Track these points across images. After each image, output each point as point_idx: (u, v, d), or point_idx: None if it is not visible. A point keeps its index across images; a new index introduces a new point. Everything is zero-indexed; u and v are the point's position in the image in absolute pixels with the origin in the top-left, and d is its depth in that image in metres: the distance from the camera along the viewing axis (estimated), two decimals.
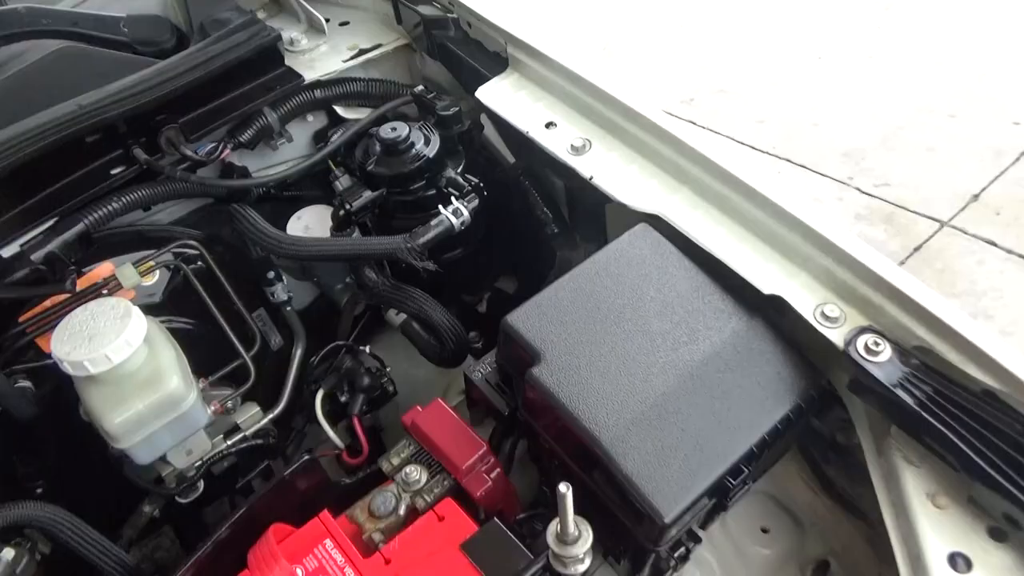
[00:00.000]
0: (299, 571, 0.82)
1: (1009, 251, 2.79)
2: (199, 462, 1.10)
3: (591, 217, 1.12)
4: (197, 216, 1.24)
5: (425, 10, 1.21)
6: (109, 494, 1.14)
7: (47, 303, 1.05)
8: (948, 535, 0.73)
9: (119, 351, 0.90)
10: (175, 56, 1.14)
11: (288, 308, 1.26)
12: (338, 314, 1.34)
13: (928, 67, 3.56)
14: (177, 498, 1.14)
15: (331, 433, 1.16)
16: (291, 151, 1.31)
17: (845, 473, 0.97)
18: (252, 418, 1.20)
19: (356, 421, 1.16)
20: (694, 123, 3.26)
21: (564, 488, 0.69)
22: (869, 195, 3.04)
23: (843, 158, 3.19)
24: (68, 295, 1.00)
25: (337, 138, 1.23)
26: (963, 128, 3.24)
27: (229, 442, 1.16)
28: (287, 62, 1.24)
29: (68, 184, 1.07)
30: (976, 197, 2.97)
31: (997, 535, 0.72)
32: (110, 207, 1.05)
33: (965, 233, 2.86)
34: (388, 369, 1.23)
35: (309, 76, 1.26)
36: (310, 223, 1.25)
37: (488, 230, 1.25)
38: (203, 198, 1.22)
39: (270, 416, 1.21)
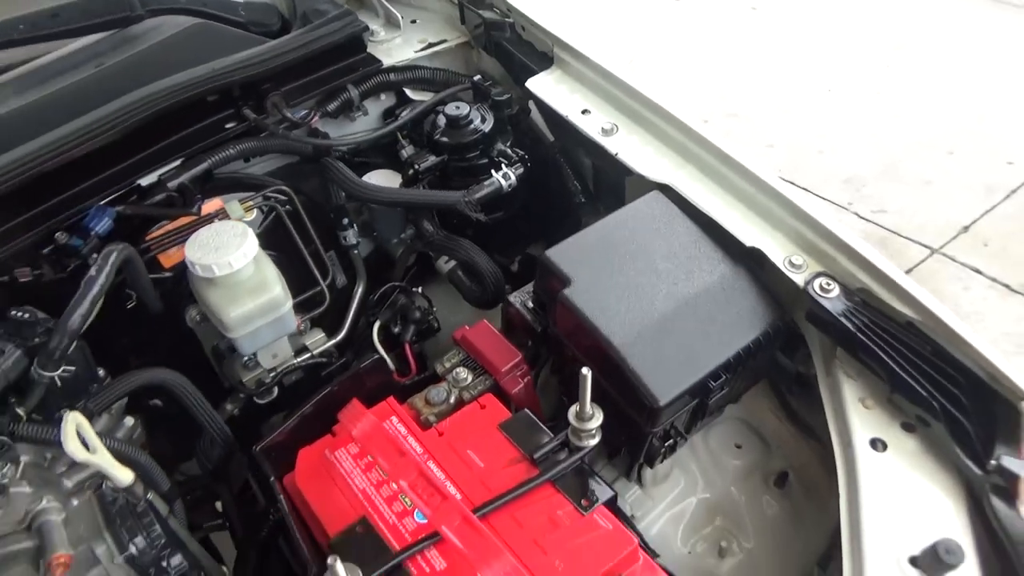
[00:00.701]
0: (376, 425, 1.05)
1: (993, 279, 3.02)
2: (281, 366, 1.34)
3: (612, 190, 1.37)
4: (284, 171, 1.49)
5: (487, 14, 1.47)
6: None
7: (169, 226, 1.30)
8: (871, 427, 0.96)
9: (239, 260, 1.15)
10: (283, 37, 1.40)
11: (355, 252, 1.51)
12: (392, 265, 1.59)
13: (932, 105, 3.81)
14: (255, 399, 1.38)
15: (385, 356, 1.40)
16: (364, 124, 1.56)
17: (805, 404, 1.20)
18: (318, 341, 1.44)
19: (407, 347, 1.40)
20: None
21: (586, 371, 0.92)
22: (866, 220, 3.28)
23: (844, 184, 3.43)
24: (190, 219, 1.25)
25: (406, 114, 1.48)
26: (960, 164, 3.48)
27: (300, 359, 1.40)
28: (368, 50, 1.50)
29: (193, 132, 1.32)
30: (966, 228, 3.21)
31: (908, 428, 0.96)
32: (228, 152, 1.30)
33: (954, 260, 3.10)
34: (435, 309, 1.47)
35: (386, 62, 1.52)
36: (381, 180, 1.50)
37: (526, 199, 1.50)
38: (290, 156, 1.47)
39: (334, 341, 1.45)
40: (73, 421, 0.91)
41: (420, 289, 1.47)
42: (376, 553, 0.90)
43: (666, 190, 1.18)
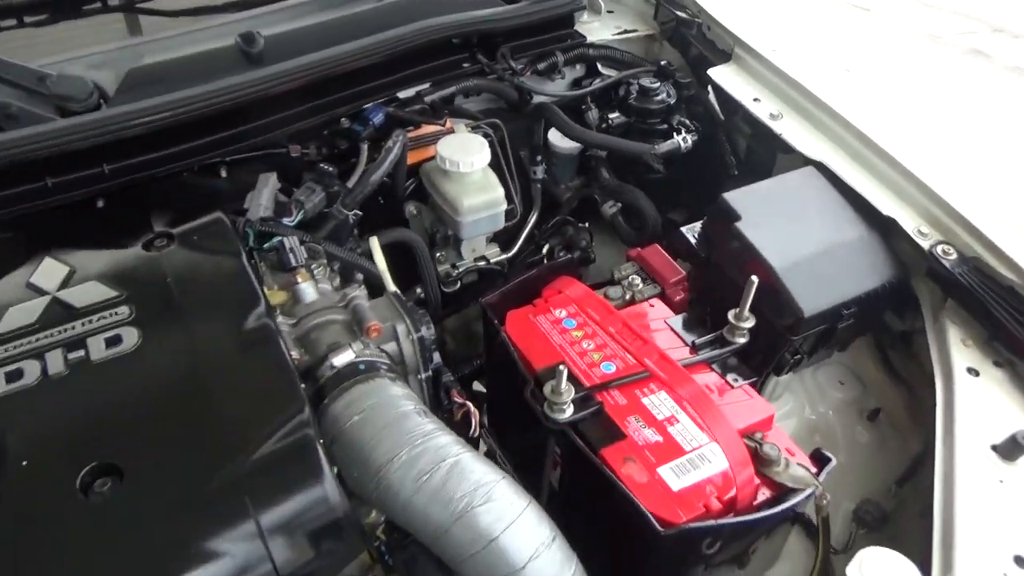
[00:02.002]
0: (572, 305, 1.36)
1: None
2: (467, 264, 1.66)
3: (760, 168, 1.67)
4: (493, 113, 1.82)
5: (680, 13, 1.79)
6: None
7: (419, 132, 1.62)
8: (968, 359, 1.23)
9: (479, 162, 1.47)
10: (517, 3, 1.73)
11: (537, 185, 1.82)
12: (556, 205, 1.90)
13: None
14: (442, 286, 1.70)
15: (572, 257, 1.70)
16: (556, 87, 1.88)
17: (902, 358, 1.48)
18: (494, 252, 1.76)
19: None
20: None
21: (754, 278, 1.22)
22: None
23: None
24: (436, 129, 1.58)
25: (598, 83, 1.80)
26: None
27: (479, 263, 1.72)
28: (575, 26, 1.83)
29: (438, 65, 1.66)
30: None
31: (998, 365, 1.23)
32: (467, 84, 1.64)
33: None
34: (593, 244, 1.78)
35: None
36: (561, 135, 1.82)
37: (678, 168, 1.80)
38: (499, 101, 1.80)
39: (507, 255, 1.77)
40: (376, 239, 1.24)
41: (586, 224, 1.79)
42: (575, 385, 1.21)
43: (819, 167, 1.48)
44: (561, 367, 1.12)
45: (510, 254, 1.76)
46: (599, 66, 1.86)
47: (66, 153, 1.28)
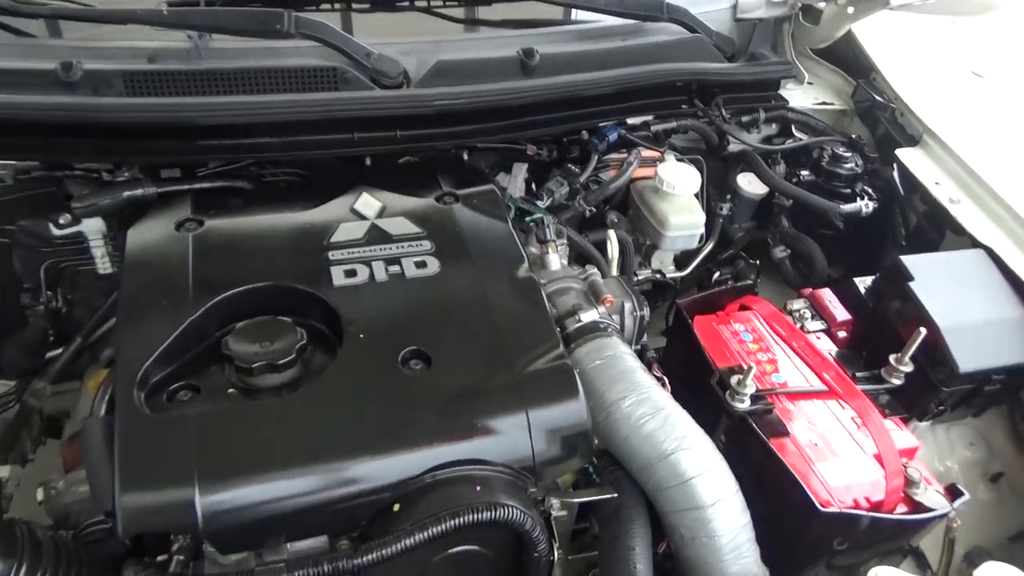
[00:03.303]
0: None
1: None
2: (649, 273, 1.92)
3: (927, 243, 1.87)
4: (690, 151, 2.09)
5: (877, 96, 2.02)
6: None
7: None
8: None
9: (692, 188, 1.74)
10: (735, 63, 2.01)
11: (719, 220, 2.08)
12: (729, 244, 2.15)
13: None
14: None
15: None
16: (752, 139, 2.13)
17: None
18: (671, 269, 2.02)
19: None
20: None
21: (922, 330, 1.43)
22: None
23: None
24: (657, 154, 1.86)
25: (791, 142, 2.05)
26: None
27: (657, 275, 1.98)
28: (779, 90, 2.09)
29: (661, 102, 1.94)
30: None
31: None
32: (684, 122, 1.91)
33: None
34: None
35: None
36: (750, 180, 2.07)
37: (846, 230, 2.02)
38: (699, 141, 2.06)
39: (681, 273, 2.02)
40: (613, 232, 1.52)
41: (757, 262, 2.03)
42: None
43: (988, 251, 1.68)
44: (750, 367, 1.37)
45: (683, 273, 2.02)
46: (793, 128, 2.10)
47: (371, 117, 1.61)
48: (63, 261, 1.73)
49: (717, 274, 2.03)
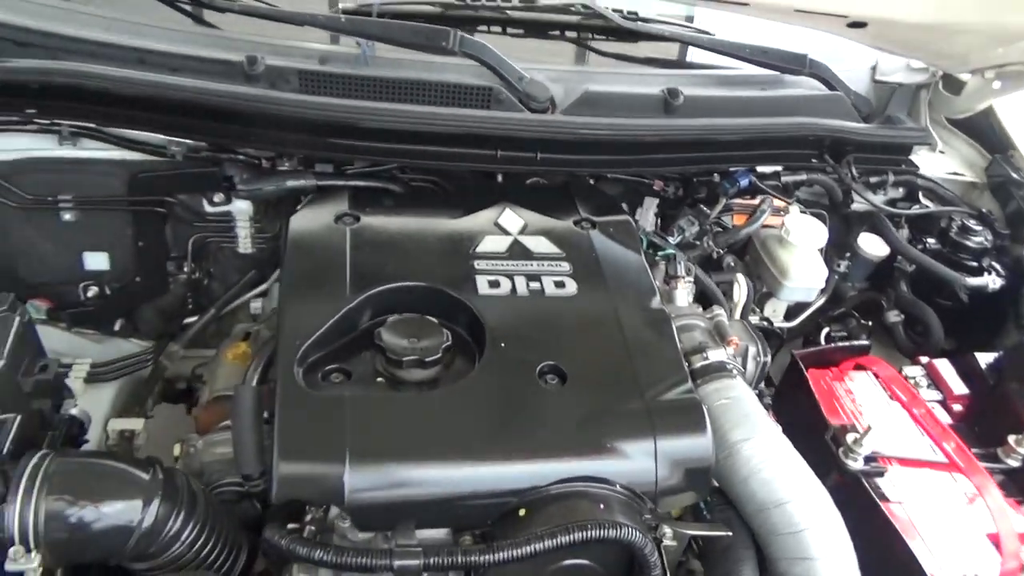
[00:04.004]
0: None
1: None
2: (758, 320, 1.93)
3: None
4: (811, 204, 2.09)
5: (1014, 173, 2.00)
6: None
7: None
8: None
9: (819, 242, 1.76)
10: (871, 124, 2.01)
11: (835, 277, 2.07)
12: (840, 301, 2.14)
13: None
14: None
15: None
16: (877, 200, 2.13)
17: None
18: (779, 319, 2.03)
19: None
20: None
21: None
22: None
23: None
24: (783, 205, 1.88)
25: (917, 208, 2.04)
26: None
27: (764, 323, 1.99)
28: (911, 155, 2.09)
29: (792, 154, 1.95)
30: None
31: None
32: (814, 176, 1.93)
33: None
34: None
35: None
36: (872, 241, 2.07)
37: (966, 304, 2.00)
38: (822, 196, 2.07)
39: (789, 324, 2.03)
40: (741, 276, 1.55)
41: (869, 323, 2.02)
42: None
43: None
44: (868, 428, 1.37)
45: (791, 324, 2.02)
46: (920, 195, 2.09)
47: (518, 138, 1.68)
48: (210, 236, 1.87)
49: (827, 330, 2.02)
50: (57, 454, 1.07)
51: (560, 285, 1.40)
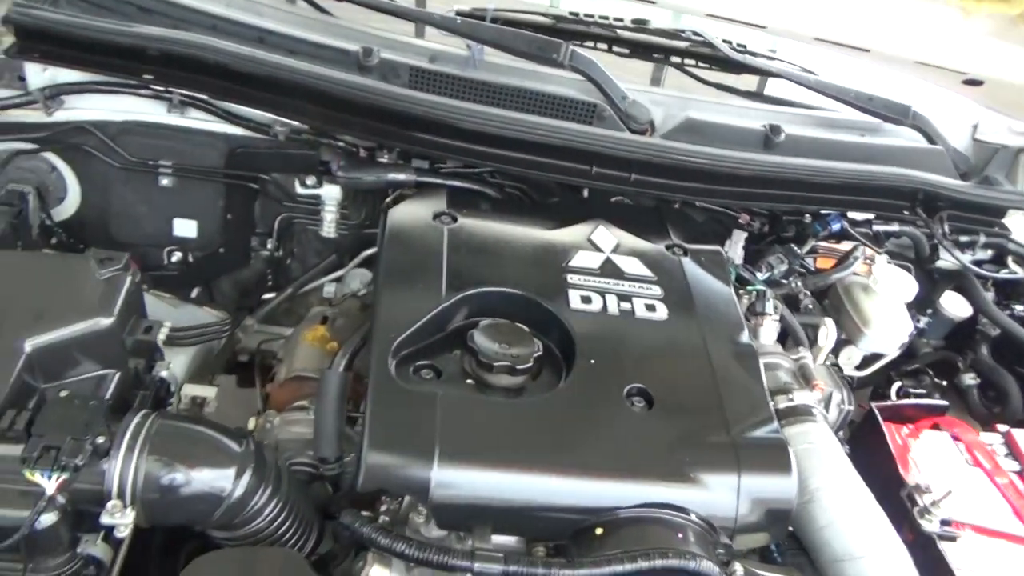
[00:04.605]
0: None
1: None
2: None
3: None
4: (894, 255, 2.06)
5: None
6: None
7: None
8: None
9: (908, 295, 1.73)
10: (970, 183, 1.98)
11: (913, 332, 2.04)
12: (913, 356, 2.10)
13: None
14: None
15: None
16: (964, 258, 2.08)
17: None
18: (850, 367, 2.00)
19: None
20: None
21: None
22: None
23: None
24: (872, 253, 1.85)
25: (1006, 272, 2.00)
26: None
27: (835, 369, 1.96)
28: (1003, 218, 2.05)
29: (883, 203, 1.92)
30: None
31: None
32: (906, 228, 1.90)
33: None
34: None
35: None
36: (955, 300, 2.03)
37: None
38: (907, 248, 2.03)
39: (859, 374, 1.99)
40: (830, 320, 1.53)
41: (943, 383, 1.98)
42: None
43: None
44: (949, 491, 1.34)
45: (862, 374, 1.99)
46: (1009, 259, 2.05)
47: (616, 156, 1.68)
48: (296, 217, 1.90)
49: (898, 384, 1.98)
50: (158, 415, 1.09)
51: (651, 308, 1.39)
